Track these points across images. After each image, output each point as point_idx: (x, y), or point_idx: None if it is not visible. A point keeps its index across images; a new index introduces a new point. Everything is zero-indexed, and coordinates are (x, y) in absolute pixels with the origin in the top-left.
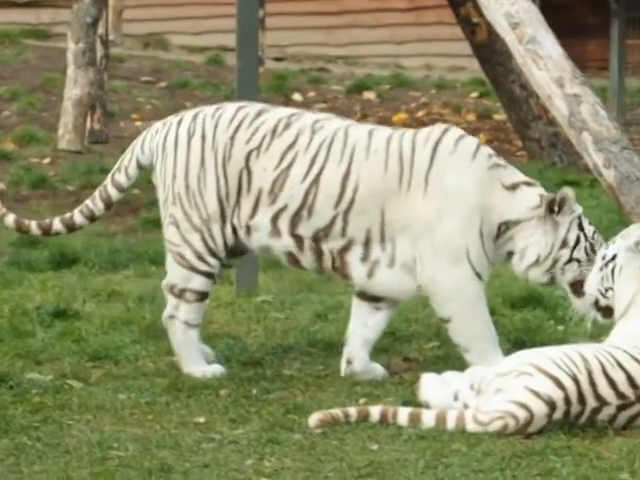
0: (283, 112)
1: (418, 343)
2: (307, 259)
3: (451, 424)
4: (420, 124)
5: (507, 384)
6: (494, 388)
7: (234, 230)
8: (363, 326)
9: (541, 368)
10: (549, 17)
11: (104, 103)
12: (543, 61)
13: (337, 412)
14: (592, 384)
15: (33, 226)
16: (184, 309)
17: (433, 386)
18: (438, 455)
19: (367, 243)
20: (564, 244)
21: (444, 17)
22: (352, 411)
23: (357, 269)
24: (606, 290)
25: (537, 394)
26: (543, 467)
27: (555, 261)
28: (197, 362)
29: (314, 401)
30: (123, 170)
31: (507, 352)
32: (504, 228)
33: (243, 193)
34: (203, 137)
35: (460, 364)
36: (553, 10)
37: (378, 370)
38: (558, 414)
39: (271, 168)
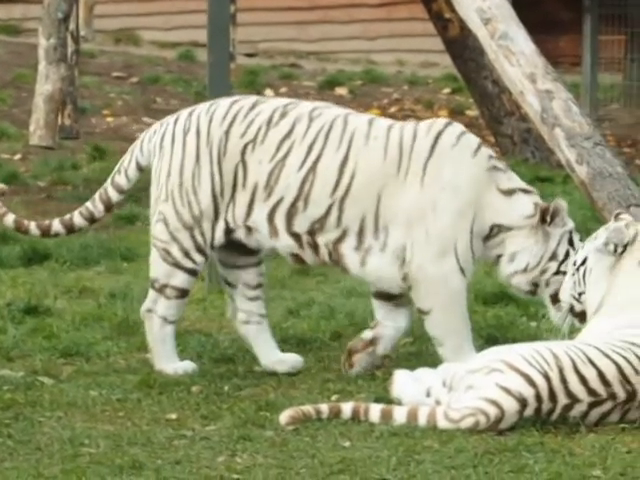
0: (279, 102)
1: None
2: (309, 256)
3: (422, 421)
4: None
5: (478, 381)
6: (465, 385)
7: (227, 227)
8: (393, 320)
9: (512, 365)
10: (521, 13)
11: (75, 99)
12: (515, 57)
13: (309, 409)
14: (563, 381)
15: (32, 227)
16: (163, 304)
17: (405, 383)
18: (410, 452)
19: (361, 232)
20: (553, 257)
21: (416, 13)
22: (324, 408)
23: (351, 258)
24: (580, 295)
25: (508, 391)
26: (516, 463)
27: (542, 272)
28: (170, 358)
29: (286, 398)
30: (123, 172)
31: (479, 348)
32: (496, 231)
33: (238, 188)
34: (198, 133)
35: (433, 361)
36: (525, 6)
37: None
38: (529, 411)
39: (267, 160)
